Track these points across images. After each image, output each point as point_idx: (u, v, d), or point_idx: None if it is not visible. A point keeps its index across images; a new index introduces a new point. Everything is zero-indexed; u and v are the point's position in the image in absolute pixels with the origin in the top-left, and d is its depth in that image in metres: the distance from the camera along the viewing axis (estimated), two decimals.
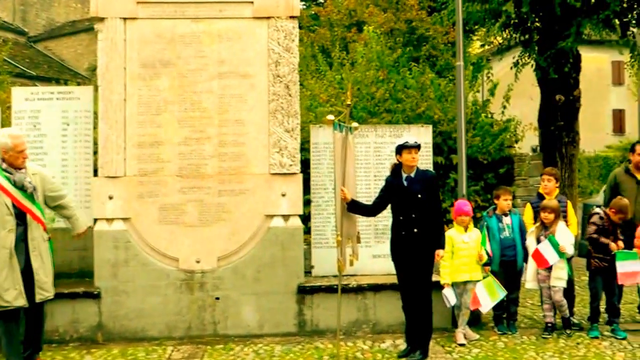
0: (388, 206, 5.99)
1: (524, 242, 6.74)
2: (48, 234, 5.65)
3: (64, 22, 30.61)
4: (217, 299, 6.55)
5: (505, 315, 6.81)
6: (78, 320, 6.46)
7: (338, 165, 5.77)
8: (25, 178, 5.46)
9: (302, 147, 6.94)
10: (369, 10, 17.20)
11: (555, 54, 10.64)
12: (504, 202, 6.83)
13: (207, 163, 6.64)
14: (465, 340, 6.35)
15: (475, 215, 7.57)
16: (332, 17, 18.54)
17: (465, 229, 6.47)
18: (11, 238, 5.29)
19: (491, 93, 10.59)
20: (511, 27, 11.65)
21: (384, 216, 6.47)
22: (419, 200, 5.73)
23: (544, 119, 11.69)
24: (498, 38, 12.35)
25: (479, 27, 12.78)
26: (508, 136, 10.08)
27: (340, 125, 5.69)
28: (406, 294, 5.91)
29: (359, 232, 6.04)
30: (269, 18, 6.73)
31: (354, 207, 5.85)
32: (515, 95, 10.72)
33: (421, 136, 7.09)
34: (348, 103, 6.05)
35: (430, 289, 5.90)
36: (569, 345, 6.27)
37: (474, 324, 6.76)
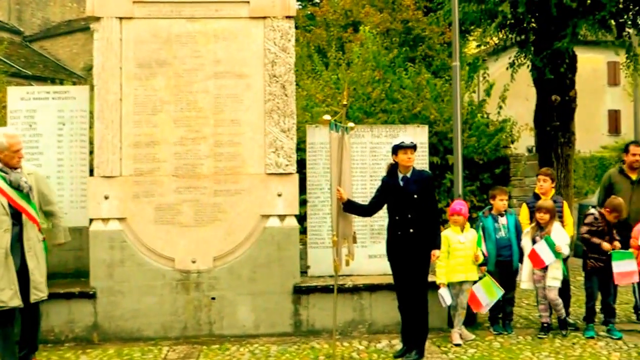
0: (384, 206, 6.00)
1: (519, 242, 6.75)
2: (42, 234, 5.64)
3: (60, 22, 30.50)
4: (213, 299, 6.55)
5: (501, 316, 6.82)
6: (74, 321, 6.46)
7: (334, 165, 5.76)
8: (21, 178, 5.45)
9: (298, 147, 6.95)
10: (365, 10, 17.21)
11: (551, 54, 10.67)
12: (500, 203, 6.84)
13: (203, 163, 6.63)
14: (461, 340, 6.36)
15: (471, 215, 7.58)
16: (328, 17, 18.51)
17: (462, 229, 6.48)
18: (7, 238, 5.28)
19: (487, 93, 10.58)
20: (507, 28, 11.68)
21: (379, 216, 6.48)
22: (415, 201, 5.73)
23: (540, 120, 11.73)
24: (494, 38, 12.36)
25: (475, 28, 12.78)
26: (504, 136, 10.08)
27: (336, 125, 5.69)
28: (402, 294, 5.92)
29: (355, 232, 6.03)
30: (265, 18, 6.74)
31: (350, 207, 5.85)
32: (511, 96, 10.73)
33: (417, 136, 7.14)
34: (344, 103, 6.04)
35: (426, 289, 5.91)
36: (565, 346, 6.28)
37: (470, 324, 6.77)
